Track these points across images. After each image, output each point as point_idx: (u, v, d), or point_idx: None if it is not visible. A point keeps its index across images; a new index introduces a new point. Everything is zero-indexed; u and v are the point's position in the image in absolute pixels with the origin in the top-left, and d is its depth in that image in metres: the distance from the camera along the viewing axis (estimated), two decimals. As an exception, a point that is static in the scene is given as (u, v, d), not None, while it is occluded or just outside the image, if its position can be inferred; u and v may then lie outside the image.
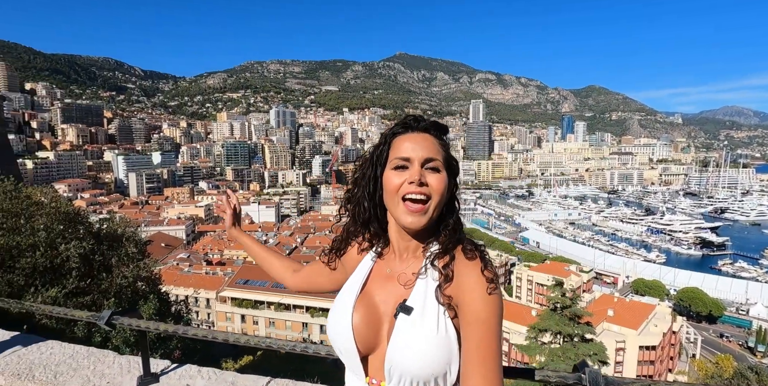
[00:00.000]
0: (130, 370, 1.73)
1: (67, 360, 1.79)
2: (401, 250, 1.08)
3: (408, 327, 0.94)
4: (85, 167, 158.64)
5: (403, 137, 1.04)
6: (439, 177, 1.00)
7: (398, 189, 0.99)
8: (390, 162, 1.03)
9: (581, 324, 19.48)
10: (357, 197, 1.11)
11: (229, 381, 1.65)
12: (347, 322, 1.00)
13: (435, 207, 1.00)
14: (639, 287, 58.36)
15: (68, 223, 11.96)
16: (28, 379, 1.66)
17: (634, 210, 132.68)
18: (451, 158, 1.06)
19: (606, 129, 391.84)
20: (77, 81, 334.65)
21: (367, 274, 1.10)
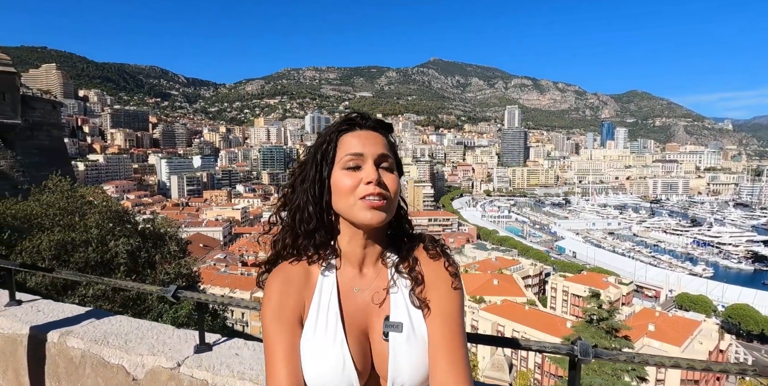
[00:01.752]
0: (187, 340, 1.96)
1: (134, 331, 2.04)
2: (357, 261, 0.97)
3: (403, 344, 0.90)
4: (131, 169, 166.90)
5: (351, 134, 0.95)
6: (393, 178, 0.94)
7: (353, 190, 0.90)
8: (338, 162, 0.93)
9: (619, 338, 18.81)
10: (299, 203, 0.96)
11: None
12: (348, 364, 0.88)
13: (393, 208, 0.94)
14: (683, 301, 55.64)
15: (117, 221, 12.73)
16: (104, 344, 1.93)
17: (678, 221, 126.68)
18: (398, 158, 1.01)
19: (649, 136, 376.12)
20: (126, 88, 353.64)
21: (336, 297, 0.94)
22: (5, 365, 2.08)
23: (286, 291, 0.91)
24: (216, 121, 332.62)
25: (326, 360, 0.87)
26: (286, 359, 0.84)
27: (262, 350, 0.91)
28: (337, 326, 0.90)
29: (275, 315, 0.87)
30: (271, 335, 0.86)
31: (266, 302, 0.89)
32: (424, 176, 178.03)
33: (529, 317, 39.04)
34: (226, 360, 1.76)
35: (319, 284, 0.94)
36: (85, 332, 2.02)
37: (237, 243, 72.79)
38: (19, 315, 2.17)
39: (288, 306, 0.89)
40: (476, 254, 67.62)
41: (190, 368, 1.73)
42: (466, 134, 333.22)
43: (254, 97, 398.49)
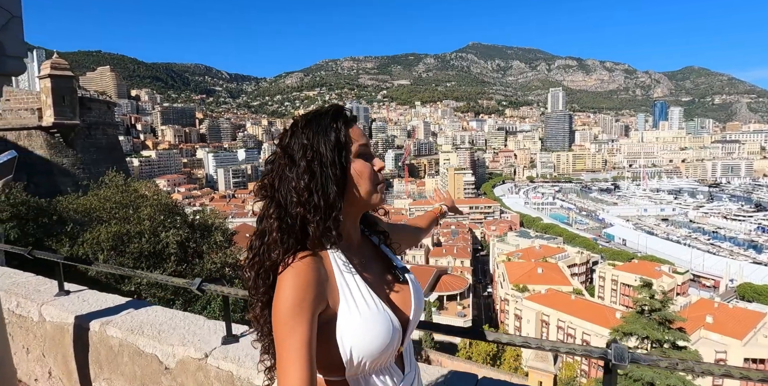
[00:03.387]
0: (216, 332, 2.03)
1: (168, 321, 2.14)
2: (353, 236, 1.08)
3: (414, 279, 1.11)
4: (181, 164, 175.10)
5: (354, 127, 1.04)
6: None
7: (372, 176, 1.01)
8: (354, 150, 1.00)
9: (673, 330, 17.88)
10: (323, 185, 0.95)
11: None
12: (395, 321, 0.99)
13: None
14: (746, 292, 52.18)
15: (167, 214, 13.41)
16: (139, 334, 2.03)
17: (741, 206, 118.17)
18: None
19: (707, 115, 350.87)
20: (173, 86, 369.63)
21: (356, 272, 1.00)
22: (55, 351, 2.24)
23: (304, 283, 0.90)
24: (258, 114, 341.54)
25: (380, 328, 0.94)
26: (301, 355, 0.84)
27: None
28: (372, 295, 0.98)
29: (292, 310, 0.86)
30: (286, 331, 0.86)
31: (282, 298, 0.88)
32: (464, 164, 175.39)
33: (576, 306, 37.95)
34: (251, 352, 1.82)
35: (335, 267, 0.98)
36: (123, 321, 2.14)
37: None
38: (66, 305, 2.32)
39: (308, 299, 0.88)
40: (519, 243, 66.13)
41: (216, 359, 1.80)
42: (508, 119, 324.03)
43: (294, 90, 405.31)
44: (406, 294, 1.09)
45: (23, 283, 2.65)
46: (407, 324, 1.05)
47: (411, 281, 1.11)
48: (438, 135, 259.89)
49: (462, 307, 44.28)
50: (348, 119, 1.04)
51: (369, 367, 0.95)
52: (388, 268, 1.13)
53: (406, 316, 1.05)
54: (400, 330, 1.00)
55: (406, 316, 1.05)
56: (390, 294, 1.07)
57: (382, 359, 0.97)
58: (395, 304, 1.05)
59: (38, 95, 30.93)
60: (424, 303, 1.23)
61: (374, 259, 1.12)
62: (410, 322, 1.06)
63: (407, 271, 1.13)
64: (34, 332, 2.37)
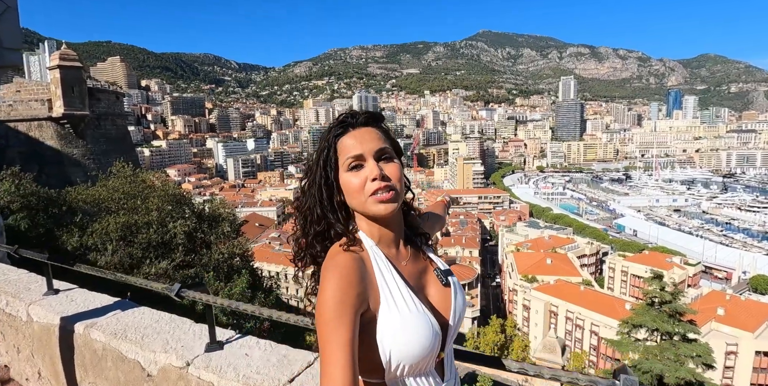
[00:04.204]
0: (201, 337, 1.96)
1: (153, 324, 2.07)
2: (391, 241, 1.08)
3: (457, 284, 1.11)
4: (191, 153, 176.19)
5: (347, 136, 1.02)
6: (394, 166, 1.02)
7: (362, 189, 0.99)
8: (342, 165, 1.01)
9: (683, 322, 17.68)
10: (308, 205, 1.05)
11: (282, 354, 1.84)
12: (435, 324, 0.98)
13: (401, 193, 1.03)
14: (759, 284, 51.51)
15: (175, 204, 13.45)
16: (122, 338, 1.96)
17: (756, 196, 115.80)
18: (395, 142, 1.10)
19: (722, 104, 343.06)
20: (182, 76, 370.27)
21: (396, 272, 1.02)
22: (43, 352, 2.19)
23: (347, 283, 0.90)
24: (267, 104, 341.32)
25: (420, 331, 0.93)
26: (344, 355, 0.83)
27: (273, 350, 1.04)
28: (412, 297, 0.98)
29: (335, 310, 0.86)
30: (329, 330, 0.85)
31: (325, 297, 0.88)
32: (473, 153, 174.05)
33: (585, 297, 37.79)
34: (234, 361, 1.75)
35: (376, 268, 1.00)
36: (107, 324, 2.07)
37: (290, 222, 75.13)
38: (53, 305, 2.27)
39: (350, 299, 0.88)
40: (528, 233, 65.80)
41: (197, 368, 1.73)
42: (518, 109, 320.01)
43: (302, 79, 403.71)
44: (447, 298, 1.07)
45: (14, 281, 2.60)
46: (447, 329, 1.04)
47: (454, 284, 1.10)
48: (447, 124, 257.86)
49: (470, 297, 44.32)
50: (343, 130, 1.04)
51: (408, 371, 0.94)
52: (431, 271, 1.12)
53: (446, 320, 1.04)
54: (440, 335, 0.99)
55: (446, 320, 1.04)
56: (431, 296, 1.07)
57: (421, 364, 0.95)
58: (435, 308, 1.04)
59: (48, 86, 31.10)
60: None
61: (416, 261, 1.11)
62: (450, 327, 1.05)
63: (451, 274, 1.12)
64: (23, 332, 2.33)
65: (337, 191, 1.02)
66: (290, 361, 1.79)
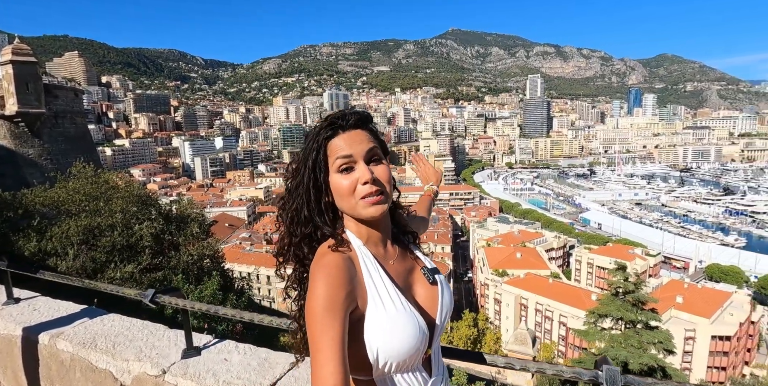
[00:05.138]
0: (176, 343, 1.90)
1: (125, 332, 1.99)
2: (379, 241, 1.09)
3: (444, 282, 1.12)
4: (156, 152, 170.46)
5: (337, 138, 1.02)
6: (383, 167, 1.03)
7: (352, 191, 0.99)
8: (332, 166, 1.01)
9: (645, 311, 18.46)
10: (295, 206, 1.04)
11: (262, 357, 1.79)
12: (422, 323, 1.00)
13: (390, 194, 1.04)
14: (713, 273, 54.37)
15: (141, 205, 13.01)
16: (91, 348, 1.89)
17: (710, 190, 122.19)
18: (383, 142, 1.10)
19: (679, 102, 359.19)
20: (146, 73, 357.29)
21: (383, 271, 1.03)
22: (4, 364, 2.08)
23: (336, 282, 0.91)
24: (235, 101, 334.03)
25: (406, 329, 0.95)
26: (335, 353, 0.84)
27: (253, 353, 1.06)
28: (398, 295, 0.99)
29: (325, 308, 0.87)
30: (320, 328, 0.86)
31: (315, 296, 0.89)
32: (444, 150, 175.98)
33: (553, 290, 38.93)
34: (213, 367, 1.70)
35: (364, 267, 1.01)
36: (75, 333, 1.98)
37: (261, 222, 74.19)
38: (14, 315, 2.16)
39: (339, 298, 0.89)
40: (499, 228, 67.12)
41: (175, 376, 1.66)
42: (487, 106, 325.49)
43: (272, 76, 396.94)
44: (434, 296, 1.09)
45: (-30, 290, 2.45)
46: (434, 326, 1.05)
47: (441, 282, 1.11)
48: (418, 122, 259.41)
49: (443, 293, 44.79)
50: (333, 132, 1.03)
51: (395, 368, 0.96)
52: (418, 269, 1.13)
53: (433, 318, 1.06)
54: (427, 333, 1.00)
55: (433, 318, 1.06)
56: (418, 295, 1.08)
57: (408, 361, 0.97)
58: (422, 306, 1.05)
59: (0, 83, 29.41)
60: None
61: (404, 260, 1.12)
62: (437, 325, 1.06)
63: (437, 272, 1.13)
64: (-18, 343, 2.17)
65: (326, 192, 1.02)
66: (271, 364, 1.74)
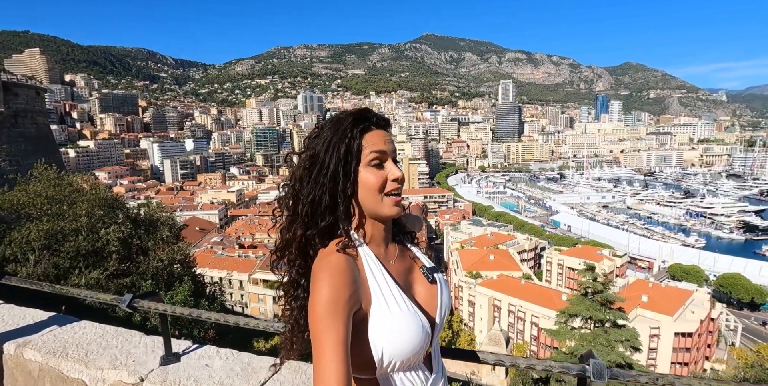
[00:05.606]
0: (154, 350, 1.83)
1: (98, 340, 1.91)
2: (382, 241, 1.10)
3: (443, 281, 1.14)
4: (123, 154, 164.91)
5: (371, 133, 1.04)
6: (400, 168, 1.07)
7: (381, 187, 1.01)
8: (364, 159, 1.01)
9: (613, 310, 19.07)
10: (314, 196, 1.01)
11: (245, 362, 1.74)
12: (425, 322, 1.01)
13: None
14: (676, 272, 56.66)
15: (107, 209, 12.54)
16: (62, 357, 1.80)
17: (672, 193, 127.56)
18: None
19: (643, 108, 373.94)
20: (113, 72, 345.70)
21: (386, 271, 1.04)
22: (-35, 376, 1.96)
23: (340, 283, 0.91)
24: (207, 103, 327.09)
25: (411, 328, 0.96)
26: (337, 353, 0.84)
27: (236, 358, 1.05)
28: (402, 296, 1.00)
29: (329, 308, 0.87)
30: (322, 329, 0.86)
31: (319, 297, 0.88)
32: (418, 154, 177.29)
33: (525, 291, 39.65)
34: (194, 373, 1.65)
35: (367, 267, 1.01)
36: (44, 342, 1.90)
37: (233, 226, 72.81)
38: (-25, 324, 2.02)
39: (343, 299, 0.89)
40: (472, 231, 68.02)
41: (153, 383, 1.61)
42: (461, 110, 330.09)
43: (245, 77, 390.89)
44: (433, 295, 1.10)
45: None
46: (434, 325, 1.06)
47: (440, 281, 1.13)
48: (393, 125, 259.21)
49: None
50: (368, 125, 1.04)
51: (399, 367, 0.97)
52: (417, 268, 1.14)
53: (433, 317, 1.07)
54: (429, 331, 1.02)
55: (433, 317, 1.07)
56: (418, 294, 1.09)
57: (412, 359, 0.98)
58: (422, 305, 1.06)
59: (-47, 79, 27.87)
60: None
61: (403, 259, 1.13)
62: (437, 323, 1.07)
63: (436, 271, 1.15)
64: (-61, 355, 2.03)
65: (352, 183, 1.01)
66: (255, 369, 1.70)
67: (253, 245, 54.14)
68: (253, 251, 48.31)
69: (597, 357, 1.22)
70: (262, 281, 39.98)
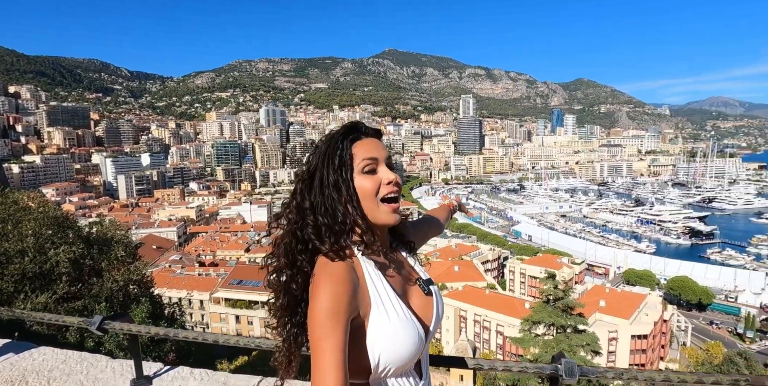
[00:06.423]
0: (123, 374, 1.74)
1: (60, 366, 1.78)
2: (380, 248, 1.11)
3: (438, 293, 1.17)
4: (72, 170, 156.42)
5: (361, 141, 1.08)
6: (396, 174, 1.10)
7: (375, 192, 1.05)
8: (357, 167, 1.05)
9: (574, 316, 19.70)
10: (326, 206, 1.04)
11: (221, 382, 1.68)
12: (421, 331, 1.04)
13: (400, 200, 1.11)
14: (630, 277, 59.07)
15: (57, 228, 11.86)
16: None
17: (624, 201, 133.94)
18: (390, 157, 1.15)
19: (595, 122, 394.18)
20: (62, 83, 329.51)
21: (385, 280, 1.06)
22: None
23: (340, 290, 0.93)
24: (164, 116, 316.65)
25: (409, 335, 1.00)
26: (336, 358, 0.86)
27: (211, 378, 1.05)
28: (400, 304, 1.03)
29: (329, 314, 0.89)
30: (322, 334, 0.88)
31: (319, 303, 0.91)
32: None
33: (490, 300, 40.27)
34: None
35: (367, 275, 1.04)
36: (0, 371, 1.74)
37: (193, 243, 70.28)
38: None
39: (343, 305, 0.91)
40: (437, 242, 68.65)
41: None
42: (423, 124, 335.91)
43: (204, 90, 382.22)
44: (429, 306, 1.13)
45: None
46: (427, 335, 1.09)
47: (435, 293, 1.16)
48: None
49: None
50: (357, 135, 1.09)
51: (392, 373, 1.00)
52: (413, 279, 1.17)
53: (427, 327, 1.10)
54: (424, 339, 1.05)
55: (427, 327, 1.10)
56: (413, 304, 1.11)
57: (405, 365, 1.01)
58: (418, 315, 1.09)
59: None
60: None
61: (400, 269, 1.16)
62: (429, 333, 1.11)
63: (432, 283, 1.18)
64: None
65: (351, 192, 1.05)
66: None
67: (214, 262, 52.39)
68: (214, 268, 46.72)
69: (567, 357, 1.28)
70: (224, 300, 38.63)
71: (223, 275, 42.63)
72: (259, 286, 38.43)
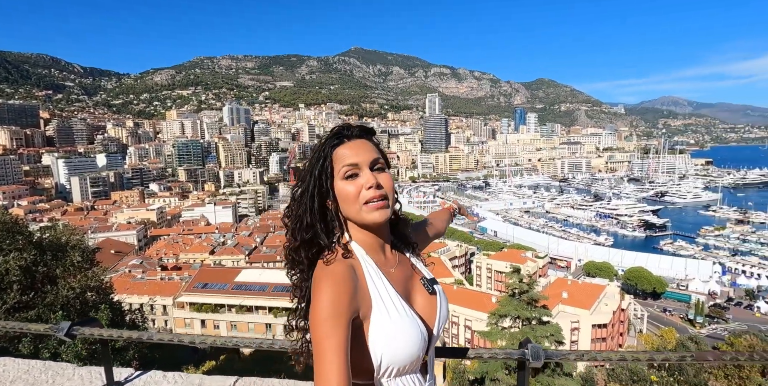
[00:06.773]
0: (92, 381, 1.66)
1: (23, 376, 1.66)
2: (379, 248, 1.14)
3: (442, 292, 1.18)
4: (21, 172, 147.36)
5: (343, 147, 1.08)
6: (387, 176, 1.09)
7: (357, 197, 1.04)
8: (338, 173, 1.06)
9: (538, 308, 20.35)
10: (298, 212, 1.10)
11: (196, 384, 1.65)
12: (423, 330, 1.05)
13: (392, 203, 1.11)
14: (590, 269, 61.38)
15: (6, 233, 11.23)
16: (-17, 397, 1.59)
17: (583, 197, 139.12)
18: (384, 155, 1.14)
19: (556, 120, 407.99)
20: (8, 79, 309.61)
21: (386, 279, 1.07)
22: None
23: (340, 290, 0.94)
24: (121, 114, 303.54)
25: (411, 335, 1.00)
26: (339, 357, 0.87)
27: (186, 380, 1.05)
28: (402, 303, 1.04)
29: (330, 313, 0.90)
30: (324, 334, 0.89)
31: (320, 303, 0.92)
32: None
33: (458, 296, 40.93)
34: None
35: (367, 274, 1.05)
36: (-39, 382, 1.73)
37: (154, 246, 67.78)
38: None
39: (343, 305, 0.92)
40: (406, 240, 69.06)
41: None
42: (390, 123, 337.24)
43: (164, 88, 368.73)
44: (432, 306, 1.14)
45: None
46: (431, 335, 1.10)
47: (439, 293, 1.17)
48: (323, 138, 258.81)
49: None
50: (339, 140, 1.10)
51: (396, 372, 1.01)
52: (417, 278, 1.18)
53: (431, 327, 1.10)
54: (427, 339, 1.06)
55: (431, 327, 1.10)
56: (416, 303, 1.12)
57: (408, 365, 1.01)
58: (421, 314, 1.09)
59: None
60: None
61: (403, 268, 1.16)
62: (434, 333, 1.11)
63: (436, 283, 1.18)
64: None
65: (333, 199, 1.07)
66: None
67: (177, 266, 50.76)
68: (178, 272, 45.25)
69: (533, 342, 1.35)
70: (189, 305, 37.52)
71: (186, 278, 41.35)
72: (225, 289, 37.58)
